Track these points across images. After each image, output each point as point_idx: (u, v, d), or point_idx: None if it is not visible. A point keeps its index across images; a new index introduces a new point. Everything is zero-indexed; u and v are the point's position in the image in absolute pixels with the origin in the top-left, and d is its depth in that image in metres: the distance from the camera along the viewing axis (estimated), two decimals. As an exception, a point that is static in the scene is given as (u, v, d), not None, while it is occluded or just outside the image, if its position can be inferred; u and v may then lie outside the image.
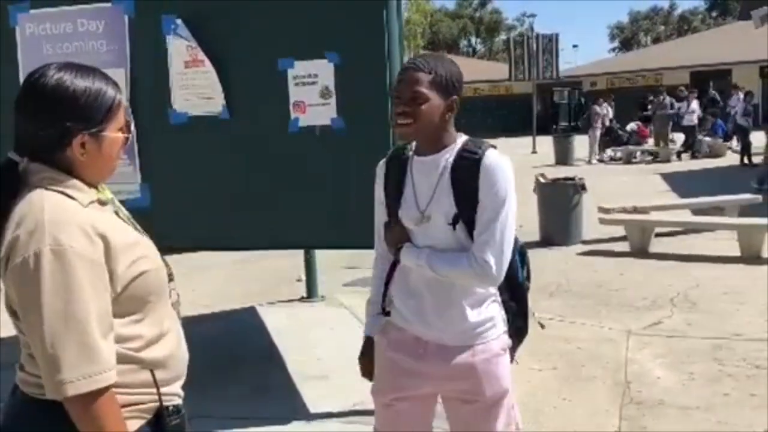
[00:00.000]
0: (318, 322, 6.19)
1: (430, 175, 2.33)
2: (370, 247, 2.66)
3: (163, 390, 1.76)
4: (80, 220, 1.63)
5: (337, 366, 4.91)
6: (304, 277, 7.08)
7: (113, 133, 1.76)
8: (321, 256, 7.02)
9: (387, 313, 2.50)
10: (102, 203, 1.76)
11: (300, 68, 3.98)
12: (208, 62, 4.03)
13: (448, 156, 2.31)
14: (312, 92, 3.97)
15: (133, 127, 1.86)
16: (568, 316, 6.17)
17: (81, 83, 1.71)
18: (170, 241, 4.41)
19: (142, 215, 4.02)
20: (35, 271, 1.55)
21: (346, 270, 7.99)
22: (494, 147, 2.32)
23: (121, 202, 1.90)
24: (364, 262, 7.83)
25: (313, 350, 5.40)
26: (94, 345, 1.58)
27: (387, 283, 2.51)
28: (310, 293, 6.98)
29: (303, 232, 4.20)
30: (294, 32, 3.97)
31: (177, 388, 1.84)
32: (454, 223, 2.28)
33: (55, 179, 1.68)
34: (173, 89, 4.12)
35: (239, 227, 4.25)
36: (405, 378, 2.42)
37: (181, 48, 4.07)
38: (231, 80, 4.06)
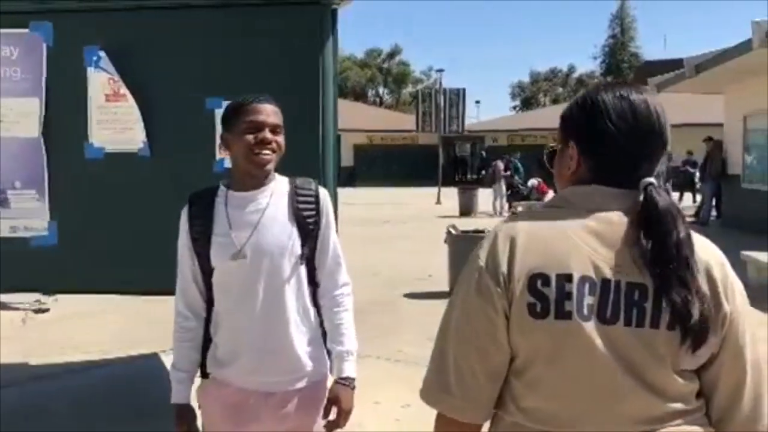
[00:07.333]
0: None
1: (248, 210, 2.33)
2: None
3: None
4: None
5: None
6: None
7: None
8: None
9: (205, 375, 2.44)
10: None
11: (228, 109, 3.85)
12: (130, 97, 3.86)
13: (272, 190, 2.36)
14: (239, 134, 3.85)
15: None
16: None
17: None
18: (78, 283, 4.18)
19: (49, 254, 3.84)
20: None
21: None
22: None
23: (27, 239, 1.75)
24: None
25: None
26: None
27: (208, 340, 2.44)
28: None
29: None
30: (224, 71, 3.86)
31: None
32: (301, 256, 2.34)
33: None
34: (91, 123, 3.92)
35: (152, 271, 4.03)
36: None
37: (102, 81, 3.88)
38: (155, 117, 3.89)
